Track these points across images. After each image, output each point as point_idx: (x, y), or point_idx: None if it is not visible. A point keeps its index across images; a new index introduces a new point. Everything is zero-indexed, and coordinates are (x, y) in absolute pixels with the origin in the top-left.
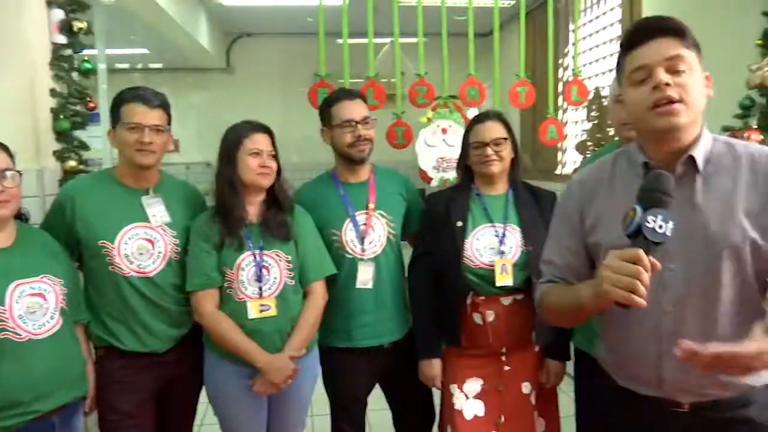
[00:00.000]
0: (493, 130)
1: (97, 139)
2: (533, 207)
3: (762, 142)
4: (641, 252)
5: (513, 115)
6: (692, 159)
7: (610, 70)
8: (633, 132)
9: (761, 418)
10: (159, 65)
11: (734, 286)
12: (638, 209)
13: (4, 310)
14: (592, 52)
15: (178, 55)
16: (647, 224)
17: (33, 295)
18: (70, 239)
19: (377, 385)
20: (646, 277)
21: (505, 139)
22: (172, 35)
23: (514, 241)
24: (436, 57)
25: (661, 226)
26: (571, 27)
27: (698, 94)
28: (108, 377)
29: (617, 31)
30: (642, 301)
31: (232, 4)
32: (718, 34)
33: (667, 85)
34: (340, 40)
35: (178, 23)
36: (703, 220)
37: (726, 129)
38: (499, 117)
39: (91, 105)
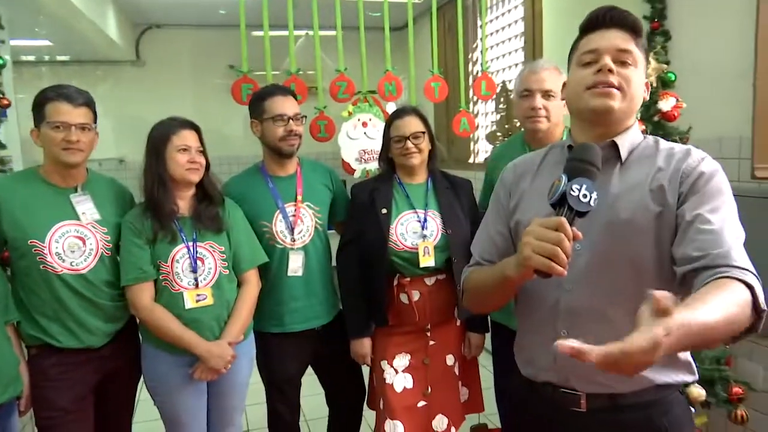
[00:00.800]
0: (412, 124)
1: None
2: (450, 193)
3: (644, 132)
4: (564, 220)
5: (428, 108)
6: (615, 145)
7: (516, 65)
8: (540, 123)
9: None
10: (66, 57)
11: (635, 274)
12: (563, 178)
13: None
14: (499, 48)
15: (86, 46)
16: (572, 192)
17: None
18: None
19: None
20: (567, 245)
21: (423, 132)
22: (78, 26)
23: (435, 225)
24: (354, 51)
25: (585, 195)
26: (479, 23)
27: (637, 90)
28: (42, 375)
29: (520, 27)
30: (561, 269)
31: None
32: None
33: (611, 71)
34: (255, 33)
35: (84, 13)
36: (615, 207)
37: None
38: (417, 112)
39: (5, 102)
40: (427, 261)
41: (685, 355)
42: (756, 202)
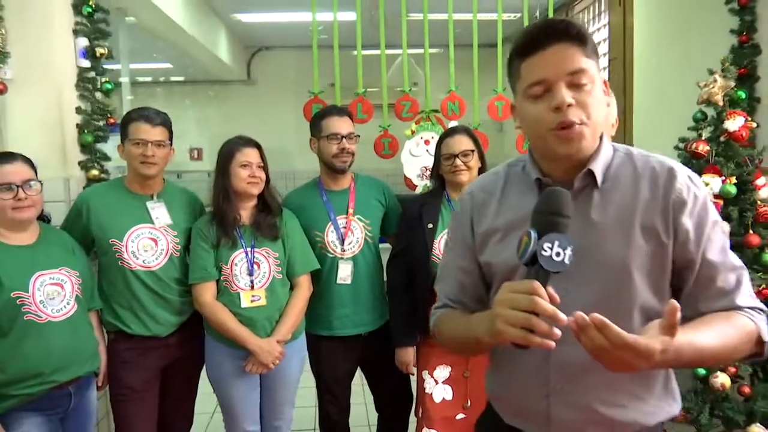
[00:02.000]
0: (462, 143)
1: None
2: None
3: (707, 153)
4: (536, 285)
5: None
6: (591, 173)
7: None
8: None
9: None
10: (181, 78)
11: (634, 308)
12: (533, 235)
13: (28, 296)
14: None
15: (200, 68)
16: (543, 252)
17: (52, 284)
18: (85, 238)
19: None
20: (545, 308)
21: (472, 151)
22: (192, 51)
23: None
24: (446, 67)
25: (558, 254)
26: None
27: (600, 110)
28: (117, 357)
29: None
30: (540, 340)
31: (251, 20)
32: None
33: (569, 106)
34: (354, 52)
35: (198, 40)
36: (599, 238)
37: (682, 140)
38: (467, 131)
39: (111, 120)
40: None
41: (674, 385)
42: None
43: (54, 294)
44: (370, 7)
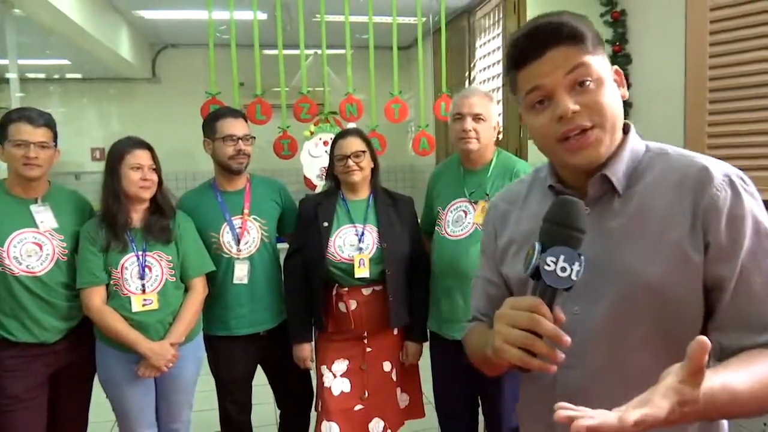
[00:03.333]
0: (354, 144)
1: None
2: (391, 210)
3: None
4: (537, 301)
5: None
6: (607, 179)
7: (498, 88)
8: (470, 144)
9: None
10: (79, 75)
11: (652, 331)
12: (537, 247)
13: None
14: (492, 69)
15: (100, 65)
16: (546, 267)
17: None
18: None
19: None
20: (547, 328)
21: (364, 151)
22: (90, 47)
23: (371, 239)
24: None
25: (564, 269)
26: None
27: (614, 105)
28: (0, 366)
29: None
30: (538, 363)
31: (154, 17)
32: None
33: (575, 113)
34: (267, 52)
35: (96, 37)
36: (617, 251)
37: None
38: (359, 133)
39: None
40: (362, 272)
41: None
42: None
43: None
44: (272, 7)
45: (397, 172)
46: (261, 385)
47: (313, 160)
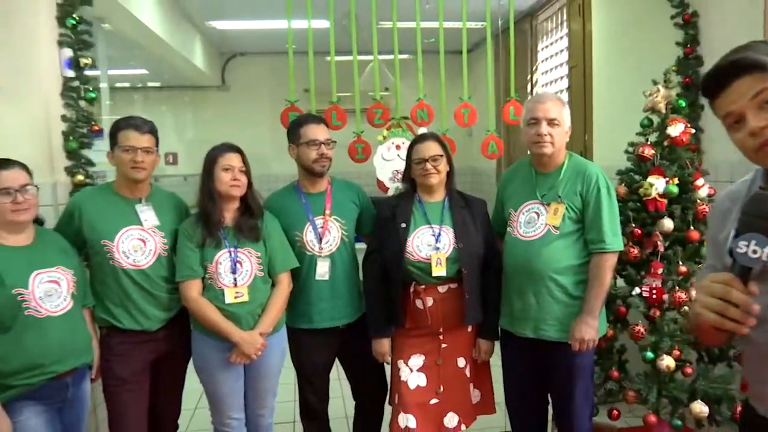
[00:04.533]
0: (431, 148)
1: (102, 153)
2: (465, 211)
3: (653, 156)
4: (730, 276)
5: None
6: None
7: (561, 91)
8: (545, 148)
9: None
10: (158, 84)
11: None
12: (731, 232)
13: (28, 293)
14: (552, 73)
15: (175, 74)
16: (738, 249)
17: (50, 282)
18: (77, 239)
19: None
20: (736, 297)
21: (441, 155)
22: (168, 57)
23: (448, 239)
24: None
25: (755, 251)
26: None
27: None
28: (110, 351)
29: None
30: (734, 325)
31: (226, 27)
32: (643, 57)
33: (764, 128)
34: (328, 58)
35: (174, 48)
36: None
37: (631, 144)
38: (435, 137)
39: (96, 128)
40: (439, 271)
41: None
42: None
43: (52, 291)
44: (342, 15)
45: (459, 175)
46: (332, 379)
47: (385, 163)
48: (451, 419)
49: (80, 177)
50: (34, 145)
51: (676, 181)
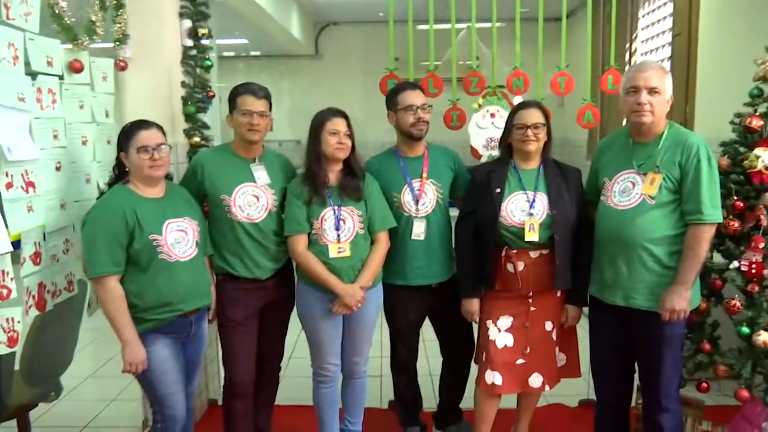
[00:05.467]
0: (534, 116)
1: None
2: (560, 179)
3: (761, 128)
4: None
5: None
6: None
7: (663, 60)
8: (644, 117)
9: None
10: (257, 53)
11: None
12: None
13: (162, 239)
14: (652, 42)
15: (273, 44)
16: None
17: (179, 230)
18: (199, 193)
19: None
20: None
21: (543, 124)
22: (268, 27)
23: (542, 205)
24: (510, 41)
25: None
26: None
27: None
28: (225, 295)
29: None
30: None
31: None
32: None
33: None
34: (420, 26)
35: (273, 17)
36: None
37: (737, 115)
38: (539, 106)
39: (211, 94)
40: (532, 236)
41: None
42: None
43: (180, 239)
44: None
45: None
46: None
47: (479, 131)
48: (535, 379)
49: (196, 139)
50: (157, 110)
51: None
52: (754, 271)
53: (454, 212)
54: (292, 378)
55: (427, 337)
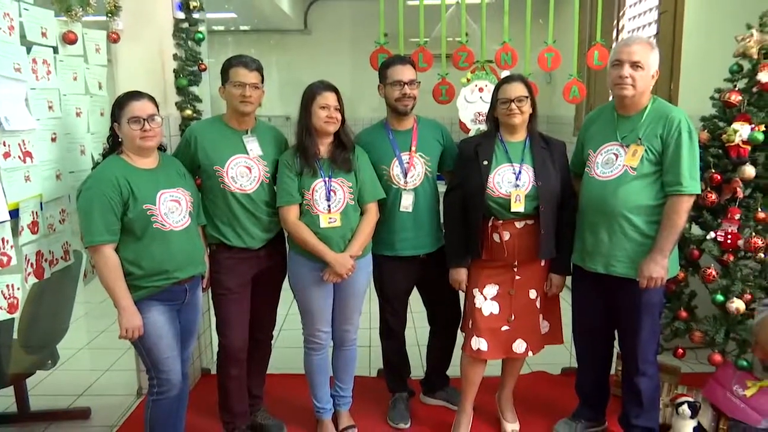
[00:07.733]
0: (517, 89)
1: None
2: (545, 152)
3: (739, 102)
4: None
5: None
6: None
7: (649, 37)
8: (625, 90)
9: None
10: (247, 27)
11: None
12: None
13: (155, 208)
14: (639, 19)
15: (263, 18)
16: None
17: (172, 200)
18: (192, 164)
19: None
20: None
21: (526, 97)
22: (257, 0)
23: (528, 177)
24: (499, 17)
25: None
26: None
27: None
28: (218, 264)
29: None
30: None
31: None
32: (735, 3)
33: None
34: (410, 2)
35: None
36: None
37: (717, 90)
38: (522, 79)
39: (203, 67)
40: (518, 207)
41: None
42: None
43: (174, 208)
44: None
45: None
46: None
47: (468, 105)
48: (519, 345)
49: (188, 111)
50: (150, 82)
51: (762, 128)
52: (729, 241)
53: (442, 187)
54: (284, 349)
55: (415, 308)
